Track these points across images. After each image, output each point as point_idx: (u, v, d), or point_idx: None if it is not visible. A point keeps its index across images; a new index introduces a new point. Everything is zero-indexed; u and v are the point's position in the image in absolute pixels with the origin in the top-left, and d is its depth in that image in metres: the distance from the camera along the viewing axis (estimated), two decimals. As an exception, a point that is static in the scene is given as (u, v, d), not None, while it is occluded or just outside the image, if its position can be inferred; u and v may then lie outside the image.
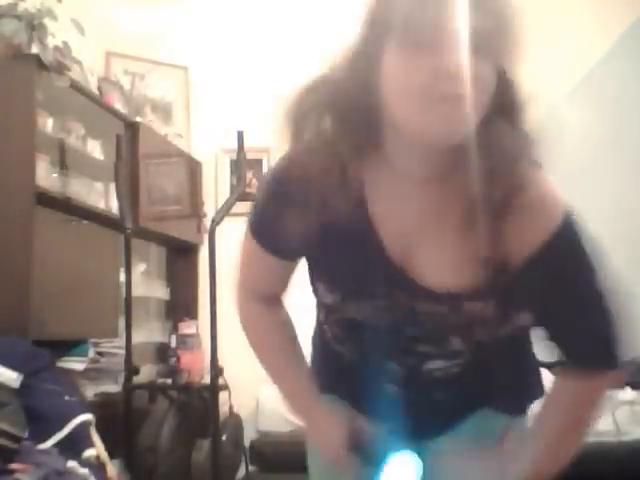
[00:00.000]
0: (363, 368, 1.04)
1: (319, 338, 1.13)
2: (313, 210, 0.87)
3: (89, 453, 2.12)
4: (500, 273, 0.86)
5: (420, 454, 1.04)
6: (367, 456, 1.03)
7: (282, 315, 1.12)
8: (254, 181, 3.99)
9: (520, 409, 1.08)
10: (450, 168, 0.85)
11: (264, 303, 1.10)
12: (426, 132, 0.78)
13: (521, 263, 0.86)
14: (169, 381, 3.07)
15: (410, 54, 0.76)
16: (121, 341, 2.94)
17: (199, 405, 2.91)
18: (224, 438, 2.91)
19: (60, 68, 2.64)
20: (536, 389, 1.12)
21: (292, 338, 1.11)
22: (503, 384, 1.03)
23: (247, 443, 3.29)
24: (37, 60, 2.55)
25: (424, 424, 1.02)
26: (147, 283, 3.62)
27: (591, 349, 0.92)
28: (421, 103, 0.76)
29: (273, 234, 0.96)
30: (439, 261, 0.89)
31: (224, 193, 3.85)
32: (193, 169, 3.86)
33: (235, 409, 3.26)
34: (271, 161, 3.99)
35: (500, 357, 1.00)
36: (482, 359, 0.97)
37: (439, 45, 0.74)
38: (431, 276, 0.89)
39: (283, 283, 1.08)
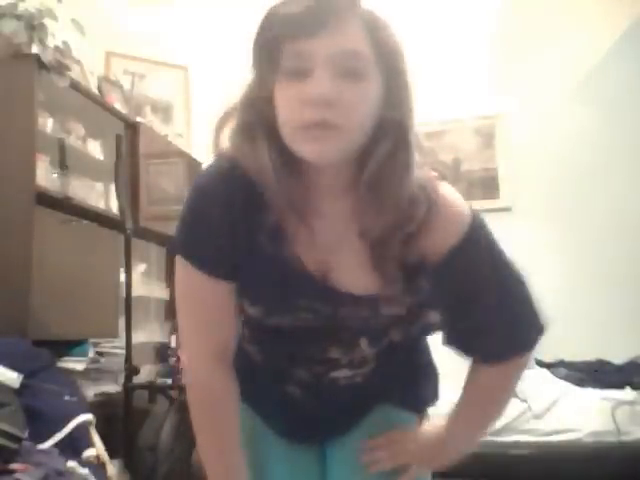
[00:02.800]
0: (270, 370, 1.06)
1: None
2: (234, 230, 0.92)
3: (89, 453, 2.11)
4: (412, 278, 0.92)
5: (319, 459, 1.10)
6: None
7: (231, 386, 1.03)
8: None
9: (415, 407, 1.13)
10: (353, 183, 0.90)
11: (219, 360, 1.01)
12: (303, 153, 0.85)
13: (433, 267, 0.91)
14: (169, 381, 3.07)
15: (286, 85, 0.84)
16: (121, 341, 2.94)
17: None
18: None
19: (60, 68, 2.64)
20: (431, 393, 1.16)
21: (235, 420, 1.04)
22: (402, 385, 1.09)
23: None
24: (37, 60, 2.55)
25: (325, 427, 1.08)
26: (147, 283, 3.62)
27: (509, 339, 0.96)
28: (294, 129, 0.84)
29: (206, 250, 0.94)
30: (355, 270, 0.93)
31: (224, 193, 3.85)
32: (193, 169, 3.85)
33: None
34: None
35: (400, 367, 1.06)
36: (384, 369, 1.02)
37: (306, 75, 0.82)
38: (349, 283, 0.94)
39: (229, 320, 1.00)
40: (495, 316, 0.94)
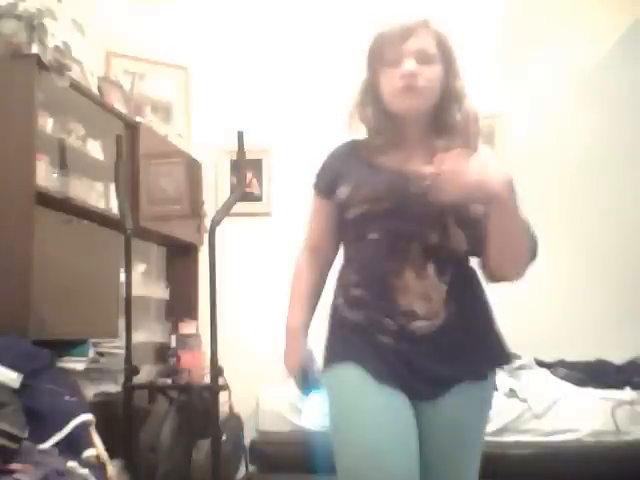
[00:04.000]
0: (366, 326, 1.41)
1: (333, 317, 1.52)
2: (347, 160, 1.54)
3: (89, 453, 2.12)
4: None
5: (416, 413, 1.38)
6: (303, 380, 1.54)
7: (318, 273, 1.62)
8: (254, 181, 3.99)
9: (485, 372, 1.44)
10: (427, 129, 1.50)
11: (313, 256, 1.62)
12: (398, 108, 1.46)
13: None
14: (169, 381, 3.07)
15: (389, 70, 1.44)
16: (121, 341, 2.94)
17: (199, 405, 2.90)
18: (224, 438, 2.90)
19: (60, 68, 2.64)
20: (498, 353, 1.48)
21: (314, 287, 1.61)
22: (470, 347, 1.41)
23: (247, 443, 3.29)
24: (37, 60, 2.55)
25: (416, 375, 1.37)
26: (147, 283, 3.62)
27: None
28: (396, 93, 1.44)
29: (324, 179, 1.56)
30: (424, 160, 1.39)
31: (224, 193, 3.85)
32: (193, 169, 3.85)
33: (235, 409, 3.26)
34: (271, 161, 3.99)
35: (467, 323, 1.41)
36: (455, 323, 1.39)
37: (400, 62, 1.43)
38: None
39: (331, 236, 1.58)
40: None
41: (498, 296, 1.63)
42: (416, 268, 1.38)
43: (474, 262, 1.48)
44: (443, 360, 1.37)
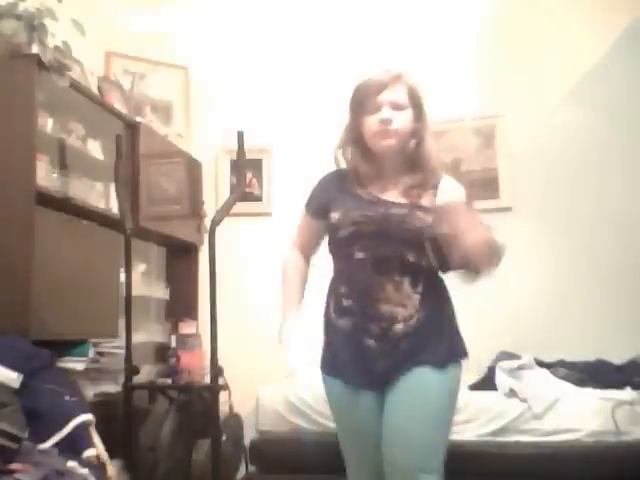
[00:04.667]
0: (353, 331, 1.73)
1: (327, 324, 1.83)
2: (334, 189, 1.86)
3: (89, 453, 2.12)
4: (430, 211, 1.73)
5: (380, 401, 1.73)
6: (294, 349, 1.76)
7: (304, 265, 1.95)
8: (254, 181, 3.99)
9: (443, 361, 1.71)
10: (400, 164, 1.84)
11: (300, 254, 1.94)
12: (378, 147, 1.80)
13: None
14: (169, 381, 3.07)
15: (370, 117, 1.78)
16: (121, 341, 2.94)
17: (199, 405, 2.90)
18: (224, 438, 2.90)
19: (60, 68, 2.64)
20: (457, 347, 1.79)
21: (303, 275, 1.94)
22: (435, 341, 1.72)
23: (247, 443, 3.29)
24: (37, 60, 2.55)
25: (387, 367, 1.71)
26: (147, 283, 3.62)
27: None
28: (374, 136, 1.78)
29: (316, 203, 1.89)
30: (396, 191, 1.80)
31: (224, 193, 3.85)
32: (193, 169, 3.86)
33: (235, 409, 3.26)
34: (271, 161, 3.99)
35: (434, 323, 1.73)
36: (424, 323, 1.72)
37: (378, 110, 1.76)
38: (393, 199, 1.80)
39: (315, 244, 1.93)
40: None
41: (498, 296, 1.63)
42: (394, 282, 1.70)
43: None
44: (412, 352, 1.70)
